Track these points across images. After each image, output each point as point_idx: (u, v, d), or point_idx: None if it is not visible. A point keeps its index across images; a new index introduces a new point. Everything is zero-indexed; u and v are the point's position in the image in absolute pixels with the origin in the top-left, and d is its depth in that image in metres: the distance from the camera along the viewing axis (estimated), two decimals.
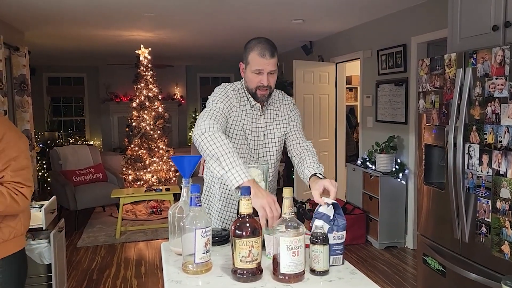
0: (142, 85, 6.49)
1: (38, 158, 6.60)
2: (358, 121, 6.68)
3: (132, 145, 6.46)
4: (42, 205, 2.84)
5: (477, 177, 2.13)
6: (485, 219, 2.09)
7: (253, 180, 1.50)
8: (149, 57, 6.51)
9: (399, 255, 4.35)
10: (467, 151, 2.19)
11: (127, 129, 6.93)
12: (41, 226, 2.72)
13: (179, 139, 10.13)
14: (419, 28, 4.25)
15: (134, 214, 5.91)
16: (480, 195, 2.12)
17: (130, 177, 6.35)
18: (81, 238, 5.00)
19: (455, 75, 2.27)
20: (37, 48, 6.63)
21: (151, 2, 4.07)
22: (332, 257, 1.44)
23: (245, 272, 1.32)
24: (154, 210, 5.94)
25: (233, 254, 1.34)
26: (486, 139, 2.07)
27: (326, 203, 1.49)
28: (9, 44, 4.75)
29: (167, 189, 5.33)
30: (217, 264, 1.46)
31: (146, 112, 6.46)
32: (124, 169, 6.46)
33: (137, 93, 6.52)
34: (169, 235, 1.60)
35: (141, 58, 6.48)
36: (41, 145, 7.88)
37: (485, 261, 2.11)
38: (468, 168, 2.19)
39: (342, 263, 1.48)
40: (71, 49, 7.16)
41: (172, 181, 6.52)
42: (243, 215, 1.33)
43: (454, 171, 2.25)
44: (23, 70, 5.01)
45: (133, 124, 6.49)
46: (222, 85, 1.89)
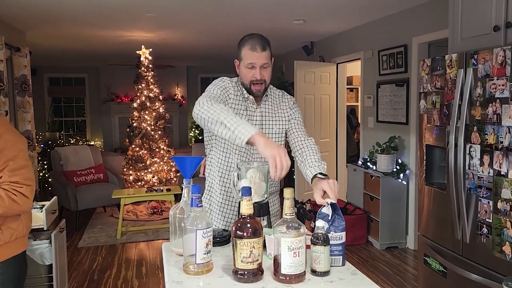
0: (143, 85, 6.49)
1: (39, 158, 6.61)
2: (359, 121, 6.68)
3: (133, 146, 6.47)
4: (43, 206, 2.85)
5: (478, 177, 2.13)
6: (486, 220, 2.08)
7: (260, 131, 1.51)
8: (150, 58, 6.51)
9: (400, 256, 4.34)
10: (468, 152, 2.19)
11: (128, 130, 6.94)
12: (42, 226, 2.73)
13: (180, 140, 10.13)
14: (420, 28, 4.25)
15: (135, 214, 5.91)
16: (481, 196, 2.12)
17: (131, 178, 6.35)
18: (82, 238, 5.00)
19: (456, 76, 2.27)
20: (38, 48, 6.64)
21: (152, 2, 4.07)
22: (330, 258, 1.43)
23: (246, 272, 1.32)
24: (155, 210, 5.94)
25: (234, 254, 1.34)
26: (487, 139, 2.07)
27: (326, 202, 1.49)
28: (10, 44, 4.75)
29: (168, 190, 5.33)
30: (218, 264, 1.46)
31: (147, 112, 6.46)
32: (125, 170, 6.46)
33: (138, 94, 6.53)
34: (170, 236, 1.60)
35: (142, 58, 6.48)
36: (42, 145, 7.89)
37: (486, 261, 2.11)
38: (469, 168, 2.19)
39: (342, 264, 1.48)
40: (72, 50, 7.17)
41: (173, 182, 6.53)
42: (244, 215, 1.33)
43: (455, 172, 2.25)
44: (24, 70, 5.01)
45: (134, 124, 6.50)
46: (220, 78, 1.94)
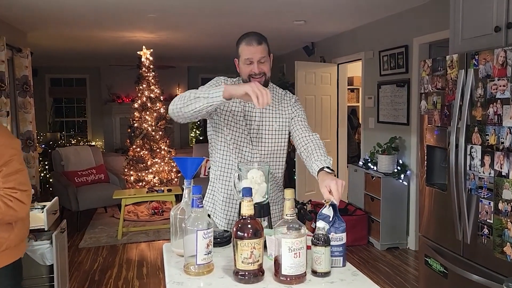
0: (144, 86, 6.50)
1: (40, 159, 6.60)
2: (359, 122, 6.68)
3: (134, 146, 6.47)
4: (44, 206, 2.85)
5: (479, 178, 2.13)
6: (487, 221, 2.08)
7: (230, 83, 1.78)
8: (151, 58, 6.52)
9: (400, 256, 4.34)
10: (469, 152, 2.19)
11: (129, 130, 6.94)
12: (43, 227, 2.73)
13: (181, 140, 10.13)
14: (421, 29, 4.25)
15: (136, 215, 5.91)
16: (482, 197, 2.11)
17: (132, 178, 6.36)
18: (83, 239, 5.01)
19: (457, 76, 2.27)
20: (40, 49, 6.65)
21: (153, 3, 4.07)
22: (331, 259, 1.43)
23: (246, 273, 1.32)
24: (156, 211, 5.94)
25: (234, 255, 1.34)
26: (488, 140, 2.07)
27: (327, 200, 1.48)
28: (12, 45, 4.76)
29: (169, 190, 5.33)
30: (218, 265, 1.46)
31: (148, 113, 6.47)
32: (126, 170, 6.46)
33: (139, 94, 6.53)
34: (171, 236, 1.60)
35: (143, 59, 6.49)
36: (43, 146, 7.89)
37: (487, 262, 2.10)
38: (470, 169, 2.19)
39: (343, 265, 1.48)
40: (73, 50, 7.18)
41: (173, 182, 6.53)
42: (245, 216, 1.33)
43: (456, 172, 2.25)
44: (26, 71, 5.02)
45: (135, 125, 6.50)
46: (217, 78, 1.98)
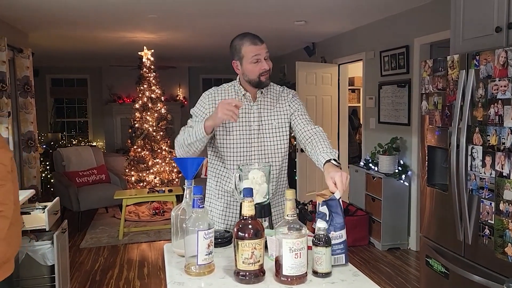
0: (145, 86, 6.50)
1: (41, 159, 6.61)
2: (360, 122, 6.67)
3: (135, 146, 6.48)
4: (45, 206, 2.86)
5: (480, 178, 2.12)
6: (488, 221, 2.08)
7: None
8: (152, 59, 6.53)
9: (402, 257, 4.34)
10: (470, 153, 2.19)
11: (130, 131, 6.94)
12: (44, 227, 2.74)
13: None
14: (422, 29, 4.25)
15: (137, 215, 5.92)
16: (483, 197, 2.11)
17: (133, 178, 6.36)
18: (84, 239, 5.01)
19: (458, 77, 2.27)
20: (41, 49, 6.66)
21: (154, 4, 4.08)
22: (333, 257, 1.43)
23: (247, 273, 1.32)
24: (156, 211, 5.94)
25: (235, 255, 1.34)
26: (489, 140, 2.07)
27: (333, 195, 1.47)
28: (13, 45, 4.77)
29: (170, 191, 5.33)
30: (219, 265, 1.46)
31: (149, 113, 6.48)
32: (127, 170, 6.47)
33: (140, 95, 6.54)
34: (172, 237, 1.60)
35: (144, 59, 6.50)
36: (44, 146, 7.91)
37: (488, 263, 2.10)
38: (471, 169, 2.19)
39: (345, 262, 1.47)
40: (74, 51, 7.19)
41: (174, 183, 6.53)
42: (246, 217, 1.33)
43: (457, 173, 2.24)
44: (27, 71, 5.03)
45: (136, 125, 6.51)
46: (203, 94, 1.97)
